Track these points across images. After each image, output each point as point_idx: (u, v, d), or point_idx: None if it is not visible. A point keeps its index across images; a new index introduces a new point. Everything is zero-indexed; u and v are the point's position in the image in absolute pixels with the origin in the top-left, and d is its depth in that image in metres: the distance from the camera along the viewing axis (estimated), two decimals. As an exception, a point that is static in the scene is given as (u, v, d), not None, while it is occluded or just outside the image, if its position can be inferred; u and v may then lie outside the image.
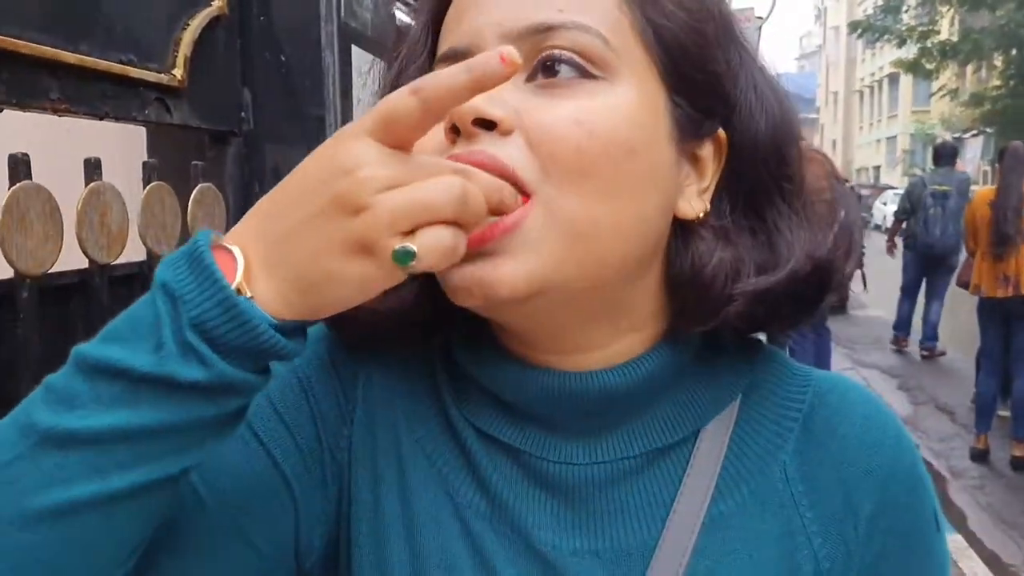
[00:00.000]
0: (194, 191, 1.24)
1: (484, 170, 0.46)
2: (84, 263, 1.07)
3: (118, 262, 1.11)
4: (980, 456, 4.67)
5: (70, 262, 1.04)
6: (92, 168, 1.05)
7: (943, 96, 19.14)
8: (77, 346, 0.43)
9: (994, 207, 4.50)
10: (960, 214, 5.64)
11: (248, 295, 0.42)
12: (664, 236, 0.55)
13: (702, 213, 0.55)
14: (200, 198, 1.25)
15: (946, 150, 6.70)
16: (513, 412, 0.57)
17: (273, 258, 0.43)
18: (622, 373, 0.55)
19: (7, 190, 0.93)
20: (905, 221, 6.73)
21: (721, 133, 0.56)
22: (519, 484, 0.56)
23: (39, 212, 0.96)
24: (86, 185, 1.04)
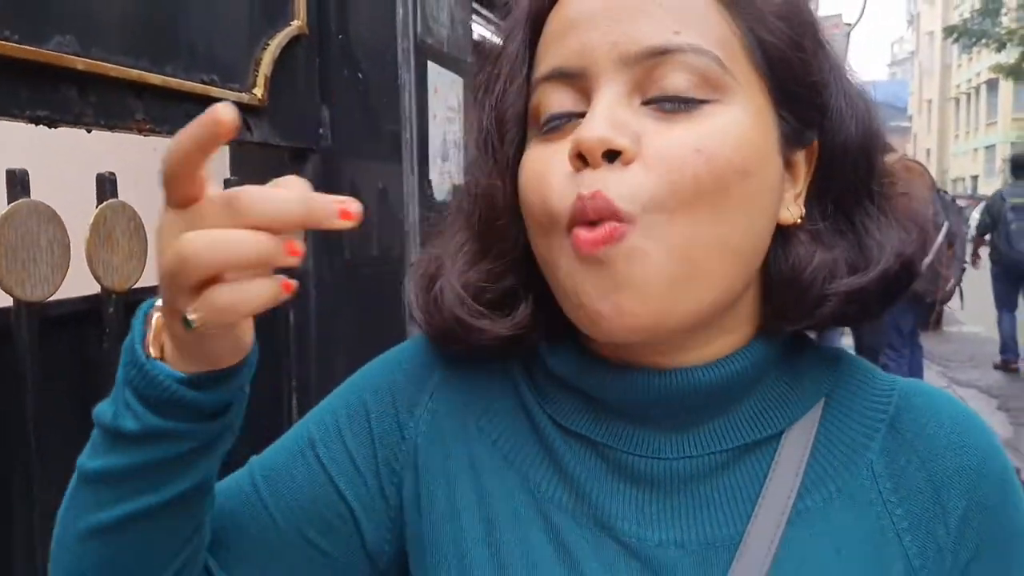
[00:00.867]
0: (274, 207, 1.26)
1: (602, 216, 0.49)
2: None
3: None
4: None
5: (154, 279, 1.06)
6: (175, 186, 1.08)
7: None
8: None
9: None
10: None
11: (156, 356, 0.48)
12: (768, 244, 0.56)
13: (799, 219, 0.56)
14: (279, 214, 1.27)
15: None
16: (598, 408, 0.58)
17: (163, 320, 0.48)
18: (719, 369, 0.55)
19: (95, 208, 0.97)
20: (987, 235, 6.47)
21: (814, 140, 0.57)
22: (603, 478, 0.57)
23: (124, 229, 1.00)
24: (169, 202, 1.07)
